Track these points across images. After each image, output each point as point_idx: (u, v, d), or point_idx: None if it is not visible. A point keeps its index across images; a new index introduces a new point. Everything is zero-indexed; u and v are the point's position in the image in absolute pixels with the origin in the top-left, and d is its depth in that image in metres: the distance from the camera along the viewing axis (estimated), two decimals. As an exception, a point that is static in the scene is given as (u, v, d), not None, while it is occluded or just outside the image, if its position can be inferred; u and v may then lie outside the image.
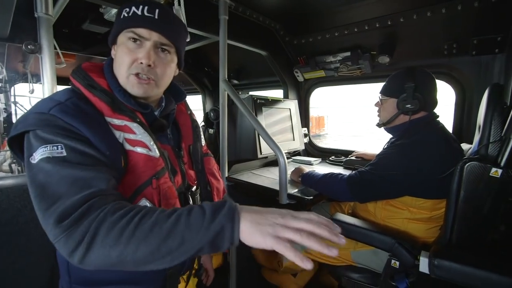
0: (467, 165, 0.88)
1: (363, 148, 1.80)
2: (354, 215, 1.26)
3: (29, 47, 0.88)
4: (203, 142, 0.85)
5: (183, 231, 0.43)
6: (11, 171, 2.27)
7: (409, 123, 1.10)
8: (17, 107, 2.87)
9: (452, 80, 1.51)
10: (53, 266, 0.91)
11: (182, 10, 1.07)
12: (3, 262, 0.87)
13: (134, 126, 0.61)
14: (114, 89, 0.63)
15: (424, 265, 0.84)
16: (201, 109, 2.82)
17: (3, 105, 2.90)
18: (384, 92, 1.19)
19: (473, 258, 0.81)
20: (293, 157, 1.90)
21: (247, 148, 1.55)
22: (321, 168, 1.70)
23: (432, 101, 1.10)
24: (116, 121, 0.60)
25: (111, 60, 0.68)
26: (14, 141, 0.56)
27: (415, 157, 0.99)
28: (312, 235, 0.44)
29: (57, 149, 0.50)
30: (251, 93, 1.70)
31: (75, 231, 0.43)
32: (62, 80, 0.93)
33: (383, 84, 1.22)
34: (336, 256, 0.44)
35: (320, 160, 1.87)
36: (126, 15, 0.62)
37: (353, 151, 1.75)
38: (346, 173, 1.15)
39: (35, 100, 3.20)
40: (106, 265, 0.44)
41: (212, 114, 1.89)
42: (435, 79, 1.13)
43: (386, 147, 1.15)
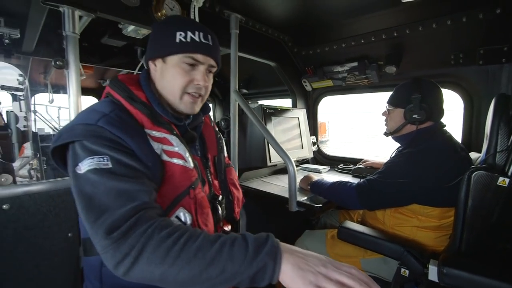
0: (475, 174, 0.89)
1: (368, 156, 1.81)
2: (363, 223, 1.27)
3: (58, 63, 0.95)
4: (225, 153, 0.89)
5: (225, 262, 0.44)
6: (30, 177, 2.37)
7: (416, 132, 1.12)
8: (36, 116, 3.01)
9: (459, 89, 1.53)
10: (76, 269, 0.95)
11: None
12: (28, 264, 0.92)
13: (172, 138, 0.65)
14: (152, 102, 0.67)
15: (433, 273, 0.85)
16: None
17: (23, 114, 3.05)
18: (391, 102, 1.22)
19: (483, 267, 0.81)
20: (302, 165, 1.93)
21: (256, 156, 1.60)
22: (329, 176, 1.72)
23: (438, 111, 1.12)
24: (155, 133, 0.62)
25: (147, 73, 0.72)
26: (56, 151, 0.59)
27: (422, 165, 1.00)
28: None
29: (103, 160, 0.52)
30: (260, 102, 1.75)
31: (124, 243, 0.45)
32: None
33: (390, 94, 1.25)
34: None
35: (328, 168, 1.89)
36: (183, 40, 0.65)
37: (362, 159, 1.76)
38: (354, 181, 1.17)
39: (52, 109, 3.34)
40: (147, 281, 0.45)
41: (223, 123, 1.94)
42: (441, 88, 1.15)
43: (393, 155, 1.17)
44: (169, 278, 0.44)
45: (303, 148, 1.84)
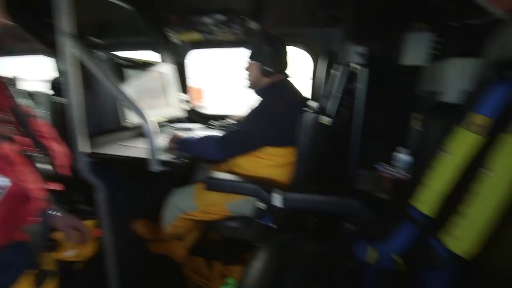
0: (307, 116, 1.07)
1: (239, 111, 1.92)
2: (230, 172, 1.36)
3: None
4: (23, 101, 0.76)
5: None
6: None
7: (270, 85, 1.24)
8: None
9: (306, 47, 1.76)
10: None
11: None
12: None
13: None
14: None
15: (277, 200, 1.01)
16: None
17: None
18: (249, 56, 1.28)
19: (314, 188, 1.03)
20: (174, 125, 1.82)
21: (107, 116, 1.35)
22: (202, 133, 1.71)
23: (285, 65, 1.26)
24: None
25: None
26: None
27: (275, 114, 1.14)
28: None
29: None
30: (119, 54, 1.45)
31: None
32: None
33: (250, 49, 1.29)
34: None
35: (201, 125, 1.88)
36: None
37: (232, 115, 1.84)
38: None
39: None
40: None
41: (57, 82, 1.50)
42: (289, 45, 1.28)
43: (252, 107, 1.26)
44: None
45: (171, 106, 1.72)
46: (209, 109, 2.54)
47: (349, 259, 0.89)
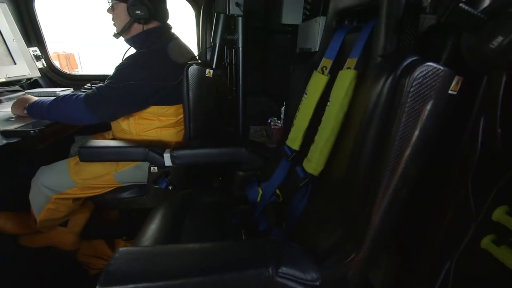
0: (190, 68, 1.02)
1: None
2: (114, 139, 1.19)
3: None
4: None
5: None
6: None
7: (144, 33, 1.08)
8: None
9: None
10: None
11: None
12: None
13: None
14: None
15: (167, 159, 0.97)
16: None
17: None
18: None
19: (200, 143, 1.03)
20: (29, 90, 1.41)
21: None
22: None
23: (162, 10, 1.11)
24: None
25: None
26: None
27: (151, 66, 1.01)
28: None
29: None
30: None
31: None
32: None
33: None
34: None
35: (71, 89, 1.53)
36: None
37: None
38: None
39: None
40: None
41: None
42: None
43: (124, 58, 1.08)
44: None
45: (15, 62, 1.30)
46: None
47: (242, 203, 0.98)
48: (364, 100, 0.49)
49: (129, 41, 1.12)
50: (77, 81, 1.68)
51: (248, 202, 0.96)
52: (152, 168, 1.10)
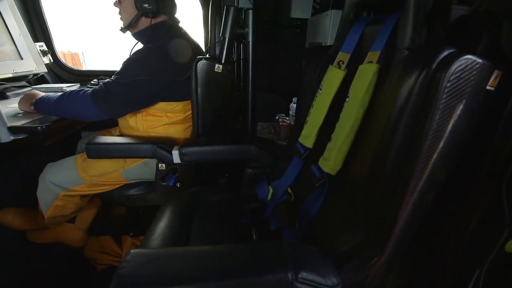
0: (199, 63, 0.99)
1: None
2: (121, 136, 1.18)
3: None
4: None
5: None
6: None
7: (152, 27, 1.05)
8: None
9: None
10: None
11: None
12: None
13: None
14: None
15: (176, 157, 0.95)
16: None
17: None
18: None
19: (208, 140, 1.01)
20: (36, 86, 1.40)
21: None
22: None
23: (171, 4, 1.08)
24: None
25: None
26: None
27: (159, 61, 0.98)
28: None
29: None
30: None
31: None
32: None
33: None
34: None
35: (78, 85, 1.52)
36: None
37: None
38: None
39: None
40: None
41: None
42: None
43: (132, 52, 1.06)
44: None
45: (22, 58, 1.28)
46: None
47: (252, 201, 0.95)
48: (391, 96, 0.46)
49: (136, 36, 1.09)
50: (83, 77, 1.66)
51: (258, 200, 0.93)
52: (160, 165, 1.08)
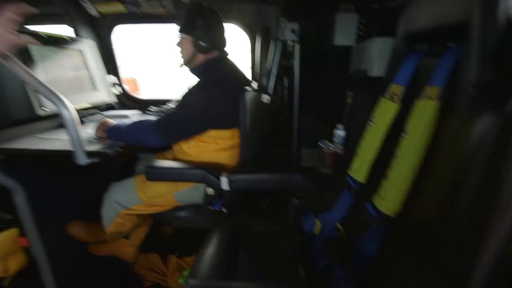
0: (248, 95, 1.05)
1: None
2: (175, 160, 1.28)
3: None
4: None
5: None
6: None
7: (205, 62, 1.16)
8: None
9: (241, 23, 1.70)
10: None
11: None
12: None
13: None
14: None
15: (224, 183, 0.99)
16: None
17: None
18: (180, 30, 1.16)
19: (255, 168, 1.03)
20: (105, 112, 1.61)
21: (16, 104, 1.11)
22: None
23: (222, 40, 1.19)
24: None
25: None
26: None
27: (212, 93, 1.07)
28: None
29: None
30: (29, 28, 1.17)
31: None
32: None
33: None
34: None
35: (138, 112, 1.70)
36: None
37: (173, 99, 1.71)
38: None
39: None
40: None
41: None
42: (222, 18, 1.21)
43: (189, 87, 1.17)
44: None
45: (98, 90, 1.50)
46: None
47: (298, 233, 0.94)
48: (458, 137, 0.43)
49: (193, 71, 1.21)
50: (143, 104, 1.87)
51: (304, 233, 0.91)
52: (208, 190, 1.13)
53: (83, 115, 1.49)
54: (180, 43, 1.18)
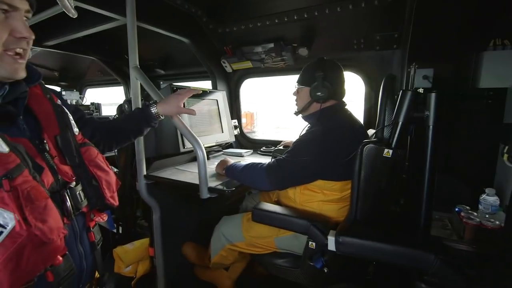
0: (366, 147, 0.96)
1: (291, 137, 1.87)
2: (278, 203, 1.29)
3: None
4: (76, 130, 0.71)
5: None
6: None
7: (320, 111, 1.16)
8: None
9: (360, 72, 1.66)
10: None
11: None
12: None
13: None
14: None
15: (331, 243, 0.90)
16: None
17: None
18: (299, 81, 1.24)
19: (372, 231, 0.89)
20: (225, 150, 1.86)
21: (168, 142, 1.44)
22: (251, 159, 1.70)
23: (340, 90, 1.18)
24: None
25: None
26: None
27: (324, 142, 1.04)
28: None
29: None
30: (179, 84, 1.59)
31: None
32: None
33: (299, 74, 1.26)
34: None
35: (251, 151, 1.88)
36: None
37: (282, 141, 1.80)
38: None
39: None
40: None
41: (126, 106, 1.66)
42: (343, 70, 1.21)
43: (302, 134, 1.19)
44: None
45: (223, 131, 1.76)
46: (260, 133, 2.56)
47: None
48: None
49: (306, 118, 1.24)
50: (256, 144, 2.06)
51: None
52: (310, 242, 1.06)
53: (209, 151, 1.77)
54: (296, 93, 1.25)
